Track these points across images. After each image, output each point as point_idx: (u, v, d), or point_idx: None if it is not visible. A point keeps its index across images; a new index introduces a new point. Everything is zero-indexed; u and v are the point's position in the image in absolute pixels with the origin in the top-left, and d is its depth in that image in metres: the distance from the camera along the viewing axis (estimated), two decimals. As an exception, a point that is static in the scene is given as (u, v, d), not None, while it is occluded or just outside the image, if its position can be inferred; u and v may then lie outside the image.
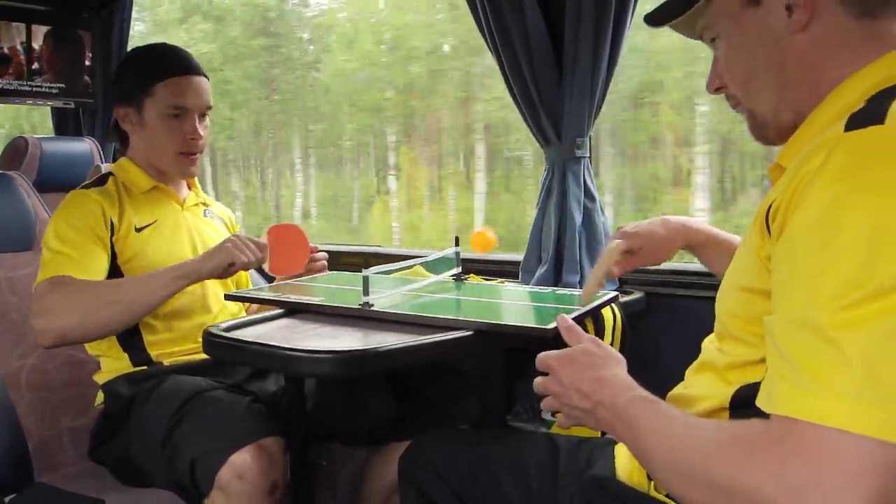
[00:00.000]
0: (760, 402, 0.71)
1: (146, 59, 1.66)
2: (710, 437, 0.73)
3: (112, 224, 1.58)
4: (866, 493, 0.61)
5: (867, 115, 0.74)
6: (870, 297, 0.64)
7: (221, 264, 1.47)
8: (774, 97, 0.90)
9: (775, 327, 0.70)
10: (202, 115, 1.66)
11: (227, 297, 1.58)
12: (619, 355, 0.95)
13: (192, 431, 1.36)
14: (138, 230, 1.61)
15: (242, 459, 1.28)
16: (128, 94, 1.64)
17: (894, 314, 0.63)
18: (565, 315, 1.03)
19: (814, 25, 0.86)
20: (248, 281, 1.89)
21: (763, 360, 0.84)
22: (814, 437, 0.63)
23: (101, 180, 1.66)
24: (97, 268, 1.52)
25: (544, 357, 0.98)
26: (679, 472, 0.75)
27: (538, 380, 0.99)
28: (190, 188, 1.78)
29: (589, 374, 0.92)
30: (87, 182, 1.68)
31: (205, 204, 1.80)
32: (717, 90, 0.98)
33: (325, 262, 1.72)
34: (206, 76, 1.67)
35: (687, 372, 1.03)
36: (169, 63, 1.63)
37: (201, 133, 1.65)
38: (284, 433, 1.37)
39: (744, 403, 0.87)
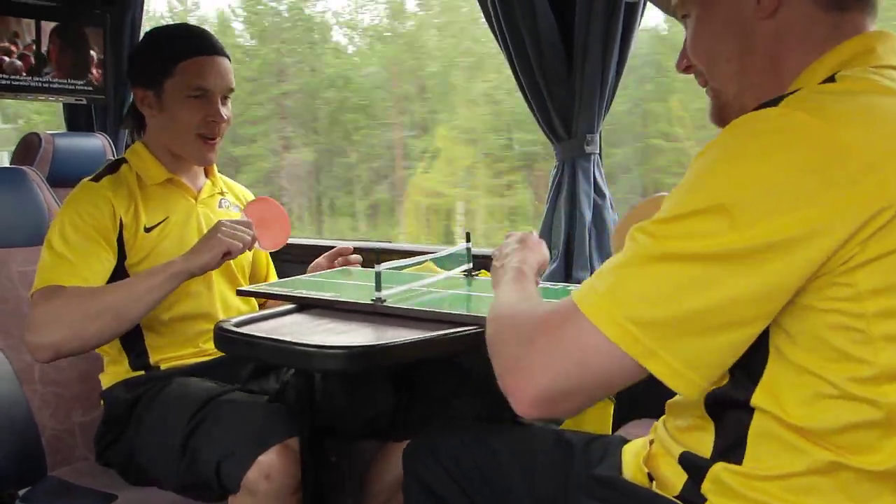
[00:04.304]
0: None
1: (166, 38, 1.60)
2: (531, 308, 0.90)
3: (121, 221, 1.54)
4: (568, 365, 0.78)
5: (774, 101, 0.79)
6: (649, 228, 0.77)
7: (215, 257, 1.42)
8: (736, 82, 0.91)
9: None
10: (224, 98, 1.60)
11: (240, 293, 1.57)
12: (547, 255, 1.30)
13: (215, 435, 1.35)
14: (147, 230, 1.56)
15: (269, 460, 1.28)
16: (147, 76, 1.58)
17: (641, 243, 0.77)
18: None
19: (781, 13, 0.86)
20: (273, 272, 1.84)
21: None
22: (573, 313, 0.79)
23: (114, 167, 1.61)
24: (96, 271, 1.47)
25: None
26: (493, 327, 0.94)
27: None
28: (207, 176, 1.72)
29: (523, 249, 1.22)
30: (98, 170, 1.62)
31: (221, 193, 1.74)
32: (687, 69, 0.97)
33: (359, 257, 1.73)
34: (228, 57, 1.61)
35: None
36: (190, 42, 1.57)
37: (224, 116, 1.58)
38: (300, 432, 1.37)
39: (716, 403, 0.86)
